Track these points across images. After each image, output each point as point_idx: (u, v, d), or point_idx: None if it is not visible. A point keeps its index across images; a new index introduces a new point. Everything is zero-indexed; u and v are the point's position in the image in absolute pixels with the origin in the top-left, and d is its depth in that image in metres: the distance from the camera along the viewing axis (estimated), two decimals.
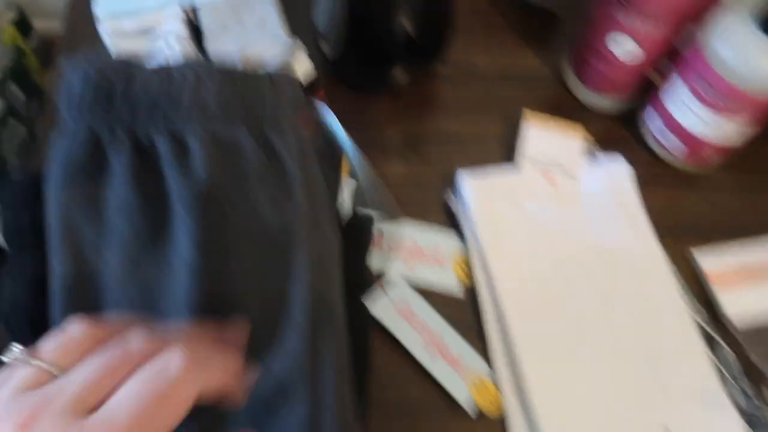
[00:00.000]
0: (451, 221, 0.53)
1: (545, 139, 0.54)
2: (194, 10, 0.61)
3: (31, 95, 1.33)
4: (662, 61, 0.58)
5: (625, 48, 0.53)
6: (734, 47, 0.46)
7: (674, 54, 0.56)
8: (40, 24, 1.40)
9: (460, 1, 0.64)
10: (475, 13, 0.65)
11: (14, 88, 1.27)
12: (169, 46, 0.57)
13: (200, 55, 0.58)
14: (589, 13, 0.55)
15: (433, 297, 0.49)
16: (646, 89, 0.58)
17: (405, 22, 0.53)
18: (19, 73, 1.29)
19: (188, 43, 0.58)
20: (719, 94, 0.47)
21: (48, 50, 1.43)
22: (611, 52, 0.54)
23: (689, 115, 0.51)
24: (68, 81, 0.35)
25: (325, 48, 0.58)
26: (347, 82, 0.60)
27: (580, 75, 0.58)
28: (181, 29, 0.58)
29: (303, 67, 0.58)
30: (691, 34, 0.54)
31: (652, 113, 0.56)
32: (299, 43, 0.57)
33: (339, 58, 0.57)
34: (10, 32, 1.29)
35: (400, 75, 0.58)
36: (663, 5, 0.48)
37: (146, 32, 0.59)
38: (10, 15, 1.30)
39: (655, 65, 0.59)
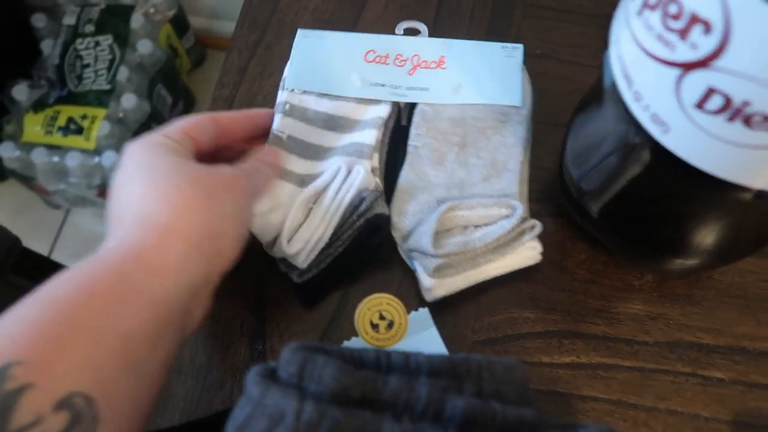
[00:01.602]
0: None
1: None
2: (409, 114, 0.43)
3: (178, 97, 1.25)
4: None
5: None
6: None
7: None
8: (196, 22, 1.30)
9: None
10: None
11: (163, 92, 1.19)
12: (351, 167, 0.40)
13: (380, 185, 0.40)
14: None
15: None
16: None
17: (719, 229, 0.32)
18: (169, 74, 1.20)
19: (371, 162, 0.40)
20: None
21: (202, 51, 1.34)
22: None
23: None
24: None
25: (589, 209, 0.38)
26: (612, 248, 0.40)
27: None
28: (375, 138, 0.41)
29: (526, 255, 0.39)
30: None
31: None
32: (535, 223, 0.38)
33: (600, 220, 0.38)
34: (166, 31, 1.21)
35: (675, 269, 0.38)
36: None
37: (331, 123, 0.43)
38: (171, 12, 1.22)
39: None
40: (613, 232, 0.37)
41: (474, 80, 0.43)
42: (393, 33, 0.47)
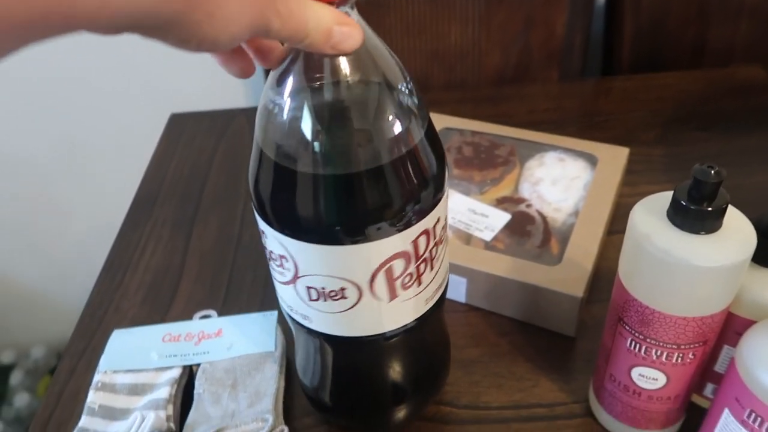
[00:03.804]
0: None
1: None
2: (193, 373, 0.57)
3: None
4: (704, 383, 0.49)
5: (654, 381, 0.44)
6: None
7: (716, 376, 0.47)
8: None
9: (457, 332, 0.59)
10: (475, 338, 0.59)
11: None
12: (143, 415, 0.51)
13: (172, 428, 0.51)
14: (604, 340, 0.47)
15: None
16: (691, 415, 0.48)
17: (394, 369, 0.47)
18: None
19: (165, 412, 0.52)
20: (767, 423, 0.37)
21: None
22: (638, 386, 0.45)
23: None
24: None
25: (317, 395, 0.51)
26: (346, 426, 0.52)
27: (608, 408, 0.49)
28: (168, 393, 0.53)
29: None
30: (728, 355, 0.45)
31: None
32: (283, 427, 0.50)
33: (332, 405, 0.50)
34: (45, 382, 1.30)
35: (401, 416, 0.50)
36: (682, 334, 0.41)
37: (135, 390, 0.54)
38: (52, 363, 1.33)
39: (696, 390, 0.49)
40: (348, 409, 0.50)
41: (241, 339, 0.58)
42: (191, 320, 0.63)
